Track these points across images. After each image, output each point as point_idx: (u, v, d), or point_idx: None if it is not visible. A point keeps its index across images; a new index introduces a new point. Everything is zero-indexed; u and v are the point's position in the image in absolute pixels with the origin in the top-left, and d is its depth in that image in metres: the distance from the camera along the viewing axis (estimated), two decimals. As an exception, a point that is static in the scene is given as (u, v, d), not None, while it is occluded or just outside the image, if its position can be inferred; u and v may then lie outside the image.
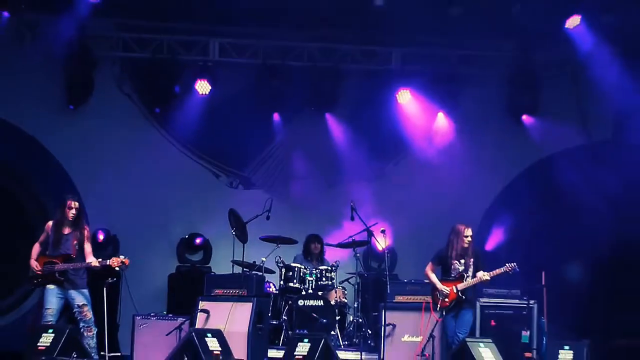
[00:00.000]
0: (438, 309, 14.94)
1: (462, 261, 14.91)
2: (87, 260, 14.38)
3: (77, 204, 14.56)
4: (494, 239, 17.56)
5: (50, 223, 14.66)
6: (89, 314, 14.39)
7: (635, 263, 18.56)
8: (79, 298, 14.38)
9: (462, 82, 19.97)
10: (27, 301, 18.46)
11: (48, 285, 14.37)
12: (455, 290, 14.77)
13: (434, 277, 14.96)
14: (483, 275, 14.74)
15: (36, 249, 14.61)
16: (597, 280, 19.22)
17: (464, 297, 14.78)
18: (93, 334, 14.39)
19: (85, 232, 14.61)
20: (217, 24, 19.20)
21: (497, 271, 14.80)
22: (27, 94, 19.06)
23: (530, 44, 19.23)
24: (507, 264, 14.76)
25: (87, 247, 14.52)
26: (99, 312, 14.80)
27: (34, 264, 14.47)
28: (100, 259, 14.49)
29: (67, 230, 14.49)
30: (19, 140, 19.06)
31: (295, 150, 20.03)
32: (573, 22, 17.62)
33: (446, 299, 14.81)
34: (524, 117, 20.00)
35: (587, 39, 17.87)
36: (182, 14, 18.63)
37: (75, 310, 14.37)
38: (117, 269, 14.56)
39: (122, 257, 14.46)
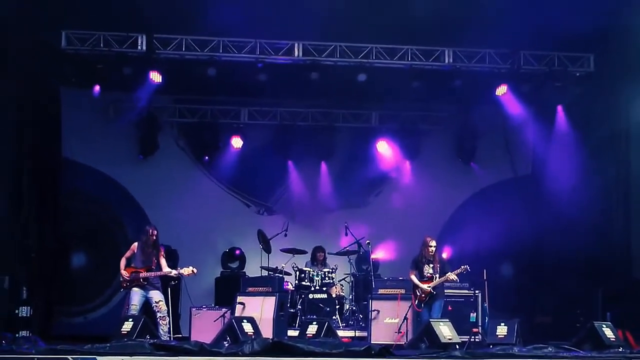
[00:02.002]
0: (417, 302, 14.95)
1: (431, 266, 14.94)
2: (165, 270, 14.42)
3: (155, 231, 14.59)
4: (449, 248, 17.47)
5: (135, 244, 14.65)
6: (163, 307, 14.37)
7: (549, 260, 18.63)
8: (157, 296, 14.36)
9: (423, 134, 19.99)
10: (112, 300, 18.38)
11: (133, 288, 14.36)
12: (429, 288, 14.81)
13: (416, 280, 14.97)
14: (451, 275, 14.76)
15: (123, 262, 14.55)
16: (523, 274, 19.30)
17: (434, 292, 14.84)
18: (167, 322, 14.39)
19: (161, 251, 14.67)
20: (246, 96, 19.22)
21: (457, 271, 14.80)
22: (111, 149, 19.16)
23: (470, 107, 19.33)
24: (461, 266, 14.80)
25: (163, 261, 14.54)
26: (165, 305, 14.71)
27: (123, 273, 14.45)
28: (175, 270, 14.57)
29: (149, 249, 14.49)
30: (107, 182, 19.19)
31: (304, 187, 19.97)
32: (501, 90, 17.67)
33: (423, 295, 14.86)
34: (472, 163, 19.99)
35: (511, 102, 17.91)
36: (220, 90, 18.72)
37: (153, 305, 14.32)
38: (186, 275, 14.49)
39: (191, 267, 14.40)
